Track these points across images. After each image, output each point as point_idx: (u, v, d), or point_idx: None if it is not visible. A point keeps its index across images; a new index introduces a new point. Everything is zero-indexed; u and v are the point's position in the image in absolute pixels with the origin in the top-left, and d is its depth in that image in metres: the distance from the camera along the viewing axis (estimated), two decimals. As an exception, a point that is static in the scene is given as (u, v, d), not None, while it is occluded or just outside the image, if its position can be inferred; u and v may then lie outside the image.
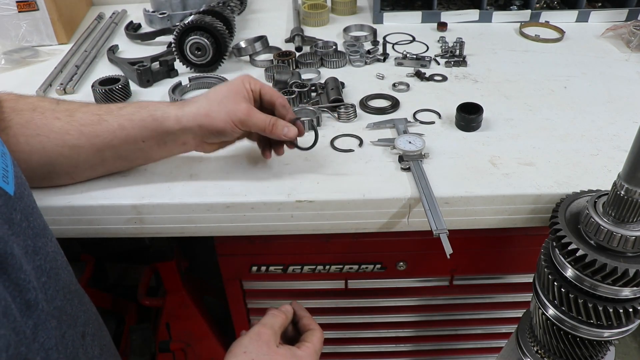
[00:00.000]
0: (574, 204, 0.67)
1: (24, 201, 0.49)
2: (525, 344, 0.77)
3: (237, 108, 0.69)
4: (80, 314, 0.55)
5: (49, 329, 0.46)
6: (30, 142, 0.67)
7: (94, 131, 0.69)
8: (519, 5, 1.28)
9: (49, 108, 0.70)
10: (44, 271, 0.49)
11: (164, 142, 0.72)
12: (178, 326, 1.37)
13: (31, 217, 0.50)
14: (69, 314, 0.52)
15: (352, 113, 0.90)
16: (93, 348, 0.56)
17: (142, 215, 0.74)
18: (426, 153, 0.80)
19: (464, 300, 1.02)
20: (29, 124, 0.67)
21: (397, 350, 1.13)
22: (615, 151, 0.81)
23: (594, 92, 0.97)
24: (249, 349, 0.63)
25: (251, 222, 0.75)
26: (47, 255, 0.50)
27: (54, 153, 0.68)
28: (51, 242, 0.53)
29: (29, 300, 0.44)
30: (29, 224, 0.49)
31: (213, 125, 0.69)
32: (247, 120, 0.69)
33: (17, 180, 0.49)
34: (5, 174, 0.48)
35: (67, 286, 0.53)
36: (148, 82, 1.04)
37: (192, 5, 1.27)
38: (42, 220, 0.53)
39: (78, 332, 0.54)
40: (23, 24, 1.19)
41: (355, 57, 1.09)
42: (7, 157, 0.50)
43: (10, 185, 0.47)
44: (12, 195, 0.47)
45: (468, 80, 1.02)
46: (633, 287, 0.60)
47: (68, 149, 0.69)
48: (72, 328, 0.52)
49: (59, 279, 0.52)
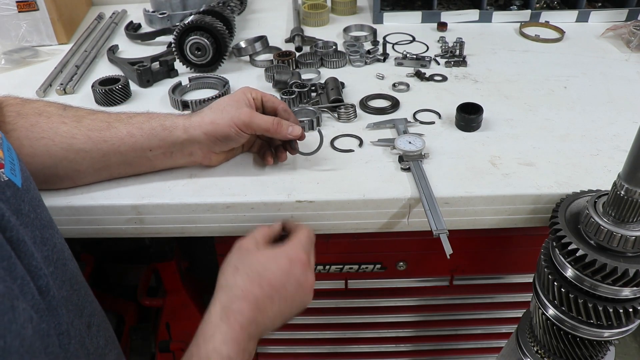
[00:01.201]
0: (574, 204, 0.67)
1: (31, 193, 0.50)
2: (525, 344, 0.77)
3: (240, 112, 0.71)
4: (86, 304, 0.56)
5: (60, 315, 0.47)
6: (35, 145, 0.68)
7: (102, 136, 0.70)
8: (519, 5, 1.28)
9: (56, 113, 0.71)
10: (52, 261, 0.50)
11: (170, 153, 0.73)
12: (178, 326, 1.37)
13: (38, 209, 0.51)
14: (75, 304, 0.53)
15: (352, 113, 0.90)
16: (98, 338, 0.57)
17: (142, 215, 0.74)
18: (426, 153, 0.80)
19: (464, 300, 1.02)
20: (34, 127, 0.68)
21: (397, 350, 1.13)
22: (615, 151, 0.81)
23: (594, 92, 0.97)
24: (235, 263, 0.63)
25: (251, 222, 0.75)
26: (54, 247, 0.51)
27: (58, 156, 0.69)
28: (57, 234, 0.54)
29: (40, 286, 0.45)
30: (36, 215, 0.50)
31: (218, 131, 0.71)
32: (250, 122, 0.71)
33: (23, 173, 0.50)
34: (13, 167, 0.49)
35: (74, 277, 0.54)
36: (148, 82, 1.04)
37: (192, 5, 1.27)
38: (48, 213, 0.54)
39: (84, 322, 0.54)
40: (23, 24, 1.19)
41: (355, 57, 1.09)
42: (12, 152, 0.51)
43: (18, 178, 0.49)
44: (20, 187, 0.48)
45: (468, 80, 1.02)
46: (633, 287, 0.60)
47: (73, 152, 0.69)
48: (79, 318, 0.53)
49: (66, 269, 0.53)
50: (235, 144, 0.75)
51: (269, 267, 0.62)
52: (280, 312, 0.62)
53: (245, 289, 0.60)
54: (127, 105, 0.98)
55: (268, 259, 0.63)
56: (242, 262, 0.63)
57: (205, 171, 0.78)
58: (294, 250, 0.65)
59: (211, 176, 0.77)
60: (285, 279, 0.62)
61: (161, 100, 0.99)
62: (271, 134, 0.73)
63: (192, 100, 0.94)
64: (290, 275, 0.63)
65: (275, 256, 0.64)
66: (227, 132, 0.71)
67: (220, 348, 0.56)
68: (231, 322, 0.58)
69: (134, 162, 0.73)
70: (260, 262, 0.63)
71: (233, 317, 0.59)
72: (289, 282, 0.62)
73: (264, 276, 0.61)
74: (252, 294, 0.60)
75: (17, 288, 0.40)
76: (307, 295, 0.64)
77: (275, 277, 0.62)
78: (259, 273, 0.62)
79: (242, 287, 0.61)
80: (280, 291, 0.62)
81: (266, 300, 0.61)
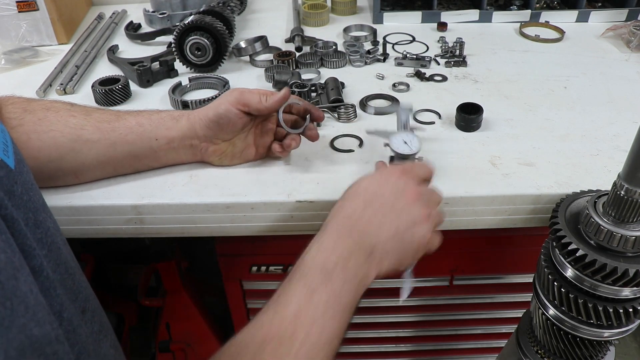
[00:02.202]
0: (574, 204, 0.67)
1: (24, 176, 0.50)
2: (525, 344, 0.77)
3: (232, 94, 0.74)
4: (80, 289, 0.56)
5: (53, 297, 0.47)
6: (43, 137, 0.69)
7: (111, 127, 0.72)
8: (519, 5, 1.28)
9: (64, 108, 0.73)
10: (45, 244, 0.50)
11: (173, 147, 0.75)
12: (178, 326, 1.37)
13: (31, 191, 0.50)
14: (69, 288, 0.53)
15: (352, 113, 0.90)
16: (93, 324, 0.57)
17: (142, 215, 0.74)
18: (421, 157, 0.76)
19: (464, 300, 1.02)
20: (42, 121, 0.69)
21: (397, 350, 1.13)
22: (615, 151, 0.81)
23: (594, 92, 0.97)
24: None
25: (251, 222, 0.75)
26: (47, 230, 0.51)
27: (65, 148, 0.70)
28: (50, 219, 0.53)
29: (34, 266, 0.44)
30: (29, 198, 0.49)
31: (215, 112, 0.72)
32: (241, 97, 0.72)
33: (16, 156, 0.50)
34: (6, 148, 0.48)
35: (68, 262, 0.54)
36: (148, 82, 1.04)
37: (192, 5, 1.27)
38: (42, 196, 0.54)
39: (79, 307, 0.54)
40: (23, 24, 1.19)
41: (355, 57, 1.09)
42: (6, 134, 0.51)
43: (11, 159, 0.48)
44: (13, 168, 0.48)
45: (468, 80, 1.02)
46: (633, 287, 0.60)
47: (81, 143, 0.70)
48: (73, 302, 0.53)
49: (60, 253, 0.52)
50: (233, 128, 0.74)
51: (361, 181, 0.63)
52: (383, 224, 0.59)
53: (342, 204, 0.61)
54: (127, 105, 0.98)
55: (363, 178, 0.64)
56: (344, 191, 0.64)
57: (206, 171, 0.78)
58: (389, 168, 0.66)
59: (211, 176, 0.77)
60: (378, 186, 0.61)
61: (161, 100, 0.99)
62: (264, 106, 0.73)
63: (192, 100, 0.94)
64: (383, 183, 0.62)
65: (369, 176, 0.64)
66: (222, 110, 0.72)
67: (316, 256, 0.55)
68: (327, 231, 0.58)
69: (140, 153, 0.74)
70: (356, 182, 0.64)
71: (330, 226, 0.58)
72: (383, 188, 0.61)
73: (357, 191, 0.62)
74: (348, 207, 0.60)
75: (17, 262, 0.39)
76: (410, 204, 0.61)
77: (369, 187, 0.62)
78: (354, 189, 0.62)
79: (339, 205, 0.61)
80: (374, 200, 0.60)
81: (363, 209, 0.59)
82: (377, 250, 0.58)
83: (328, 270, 0.54)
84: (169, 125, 0.73)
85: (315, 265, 0.54)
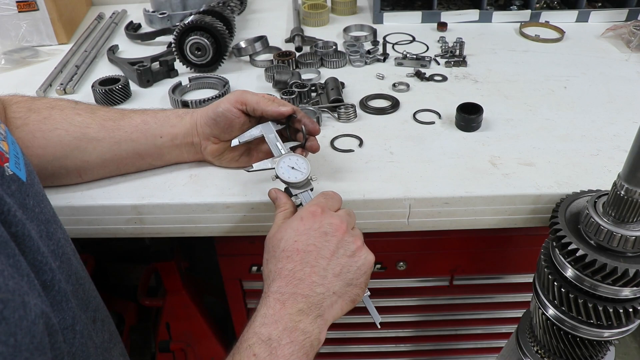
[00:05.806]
0: (574, 204, 0.67)
1: (35, 188, 0.51)
2: (525, 344, 0.77)
3: (233, 94, 0.74)
4: (91, 299, 0.56)
5: (65, 310, 0.47)
6: (48, 136, 0.69)
7: (117, 125, 0.72)
8: (519, 5, 1.28)
9: (69, 106, 0.73)
10: (57, 256, 0.50)
11: (176, 145, 0.75)
12: (178, 326, 1.37)
13: (42, 203, 0.51)
14: (80, 299, 0.53)
15: (352, 113, 0.90)
16: (103, 333, 0.57)
17: (142, 215, 0.74)
18: (314, 177, 0.67)
19: (464, 300, 1.02)
20: (47, 120, 0.70)
21: (397, 350, 1.13)
22: (615, 151, 0.81)
23: (594, 92, 0.97)
24: (265, 257, 0.61)
25: (251, 222, 0.75)
26: (58, 241, 0.51)
27: (70, 146, 0.70)
28: (61, 229, 0.54)
29: (44, 281, 0.45)
30: (41, 210, 0.50)
31: (214, 110, 0.73)
32: (241, 96, 0.72)
33: (27, 167, 0.51)
34: (17, 161, 0.49)
35: (78, 272, 0.54)
36: (148, 82, 1.04)
37: (192, 5, 1.27)
38: (52, 207, 0.54)
39: (89, 317, 0.55)
40: (23, 24, 1.19)
41: (355, 57, 1.09)
42: (16, 146, 0.51)
43: (22, 172, 0.49)
44: (25, 181, 0.48)
45: (468, 80, 1.02)
46: (633, 287, 0.60)
47: (86, 141, 0.71)
48: (84, 312, 0.53)
49: (71, 264, 0.53)
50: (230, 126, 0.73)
51: (286, 237, 0.59)
52: (326, 271, 0.58)
53: (277, 269, 0.58)
54: (127, 105, 0.98)
55: (284, 231, 0.60)
56: (268, 250, 0.61)
57: (206, 171, 0.78)
58: (304, 209, 0.62)
59: (211, 176, 0.77)
60: (306, 237, 0.59)
61: (161, 100, 0.99)
62: (262, 107, 0.72)
63: (192, 100, 0.94)
64: (309, 231, 0.59)
65: (288, 225, 0.61)
66: (222, 109, 0.72)
67: (260, 330, 0.54)
68: (269, 302, 0.56)
69: (144, 151, 0.74)
70: (278, 238, 0.60)
71: (272, 296, 0.56)
72: (312, 237, 0.59)
73: (287, 248, 0.59)
74: (285, 268, 0.57)
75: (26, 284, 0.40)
76: (341, 238, 0.59)
77: (298, 240, 0.58)
78: (282, 248, 0.59)
79: (273, 270, 0.58)
80: (310, 251, 0.58)
81: (302, 267, 0.57)
82: (326, 300, 0.58)
83: (273, 343, 0.53)
84: (174, 122, 0.74)
85: (261, 339, 0.53)
